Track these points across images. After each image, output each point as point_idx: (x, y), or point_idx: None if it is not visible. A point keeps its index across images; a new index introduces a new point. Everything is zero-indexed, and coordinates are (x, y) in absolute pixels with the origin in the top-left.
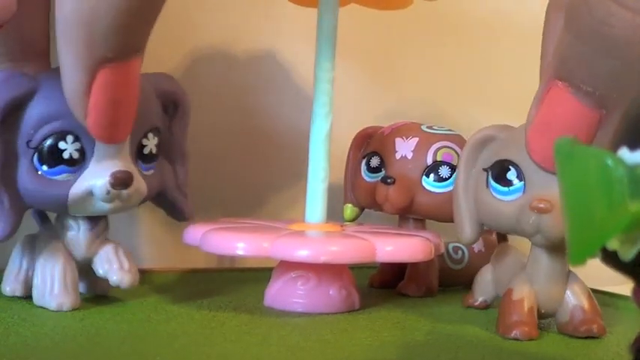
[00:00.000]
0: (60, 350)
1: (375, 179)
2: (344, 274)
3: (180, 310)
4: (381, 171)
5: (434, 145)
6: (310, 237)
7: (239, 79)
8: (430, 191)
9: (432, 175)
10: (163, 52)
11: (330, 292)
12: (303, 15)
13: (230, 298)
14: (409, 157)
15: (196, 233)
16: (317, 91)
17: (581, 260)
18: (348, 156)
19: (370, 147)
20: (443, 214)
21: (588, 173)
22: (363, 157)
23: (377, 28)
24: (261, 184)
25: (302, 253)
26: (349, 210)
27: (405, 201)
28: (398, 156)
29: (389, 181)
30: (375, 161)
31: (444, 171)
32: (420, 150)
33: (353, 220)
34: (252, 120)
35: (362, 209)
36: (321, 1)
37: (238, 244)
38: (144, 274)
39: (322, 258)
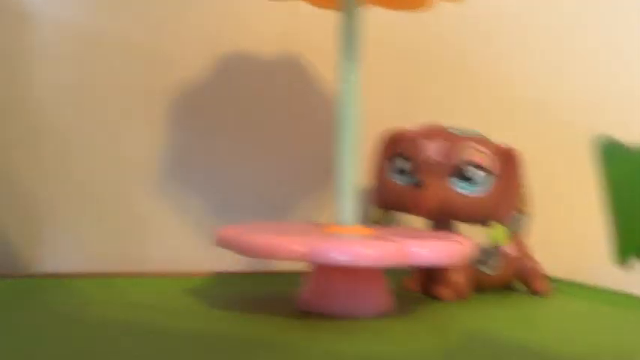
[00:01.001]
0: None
1: (402, 181)
2: (379, 278)
3: (216, 314)
4: (408, 173)
5: (461, 147)
6: (347, 241)
7: (264, 82)
8: (459, 193)
9: (460, 177)
10: (187, 56)
11: (366, 296)
12: (326, 16)
13: (263, 302)
14: (436, 159)
15: (229, 236)
16: (342, 92)
17: (625, 259)
18: (375, 158)
19: (397, 149)
20: (473, 216)
21: (632, 172)
22: (390, 159)
23: (404, 28)
24: (289, 186)
25: (340, 257)
26: (375, 212)
27: (435, 204)
28: (425, 158)
29: (418, 184)
30: (402, 163)
31: (472, 172)
32: (447, 152)
33: (379, 222)
34: (279, 122)
35: (388, 211)
36: (342, 3)
37: (275, 247)
38: (177, 278)
39: (361, 262)
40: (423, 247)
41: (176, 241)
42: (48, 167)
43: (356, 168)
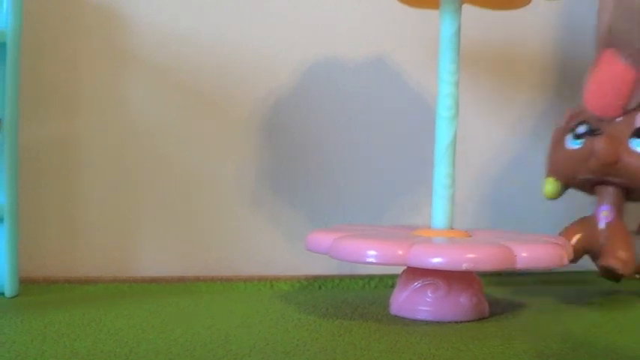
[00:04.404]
0: (193, 357)
1: (579, 145)
2: (474, 282)
3: (307, 318)
4: (587, 133)
5: None
6: (447, 244)
7: (355, 85)
8: (637, 152)
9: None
10: (276, 58)
11: (461, 300)
12: (418, 18)
13: (355, 306)
14: (619, 120)
15: (323, 241)
16: (441, 94)
17: None
18: (555, 131)
19: (579, 119)
20: None
21: None
22: (571, 130)
23: (498, 29)
24: (382, 189)
25: (439, 260)
26: (550, 184)
27: (612, 154)
28: (606, 118)
29: (596, 132)
30: (582, 128)
31: None
32: (631, 113)
33: (553, 197)
34: (372, 125)
35: (565, 187)
36: (443, 2)
37: (370, 251)
38: (269, 282)
39: (464, 265)
40: (526, 250)
41: (268, 245)
42: (139, 173)
43: (452, 170)
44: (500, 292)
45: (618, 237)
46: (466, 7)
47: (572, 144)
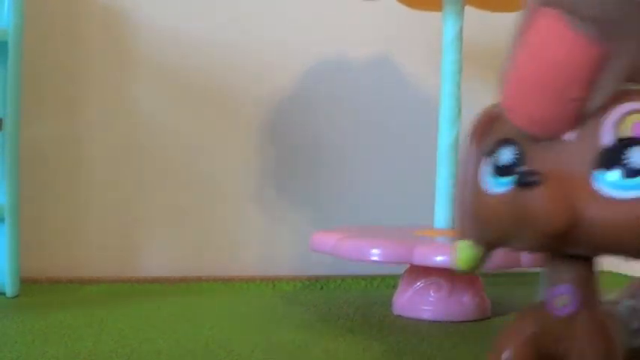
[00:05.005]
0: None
1: (505, 189)
2: (476, 282)
3: (309, 319)
4: (515, 167)
5: (618, 109)
6: (450, 243)
7: (358, 86)
8: (609, 198)
9: (614, 168)
10: (279, 59)
11: (463, 300)
12: (421, 19)
13: (357, 306)
14: (568, 137)
15: (327, 241)
16: (444, 95)
17: None
18: (464, 159)
19: (496, 134)
20: (633, 242)
21: None
22: (486, 156)
23: (500, 30)
24: (385, 189)
25: (443, 258)
26: (465, 251)
27: (562, 215)
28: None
29: (531, 180)
30: (506, 155)
31: (634, 155)
32: (591, 121)
33: (471, 268)
34: (376, 126)
35: (489, 248)
36: (446, 3)
37: (374, 250)
38: (271, 282)
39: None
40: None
41: (269, 246)
42: (142, 173)
43: (454, 170)
44: (503, 292)
45: (590, 335)
46: (468, 9)
47: (494, 184)
